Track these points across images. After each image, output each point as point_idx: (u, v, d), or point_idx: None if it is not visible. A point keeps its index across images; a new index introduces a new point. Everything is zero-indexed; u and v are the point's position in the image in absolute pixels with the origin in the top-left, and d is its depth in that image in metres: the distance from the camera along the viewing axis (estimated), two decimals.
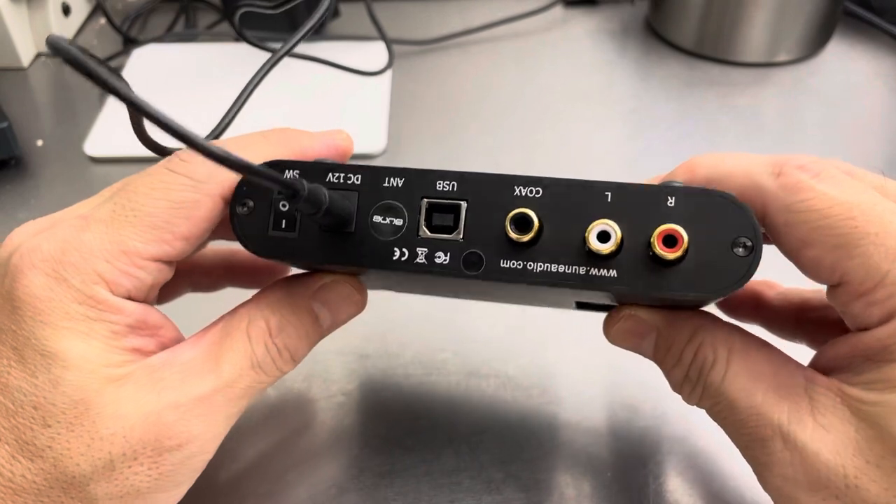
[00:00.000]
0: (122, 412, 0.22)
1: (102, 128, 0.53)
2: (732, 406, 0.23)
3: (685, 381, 0.24)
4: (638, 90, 0.57)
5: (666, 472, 0.32)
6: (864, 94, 0.55)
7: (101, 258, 0.23)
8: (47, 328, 0.22)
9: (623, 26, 0.64)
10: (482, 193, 0.23)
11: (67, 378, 0.22)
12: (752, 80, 0.57)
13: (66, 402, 0.22)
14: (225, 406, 0.24)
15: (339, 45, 0.60)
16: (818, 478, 0.21)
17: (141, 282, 0.23)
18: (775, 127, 0.53)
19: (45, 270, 0.23)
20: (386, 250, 0.23)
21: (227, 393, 0.24)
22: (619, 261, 0.21)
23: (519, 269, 0.22)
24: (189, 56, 0.60)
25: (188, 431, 0.23)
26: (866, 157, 0.50)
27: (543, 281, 0.22)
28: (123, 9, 0.69)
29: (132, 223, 0.23)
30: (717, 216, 0.21)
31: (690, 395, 0.24)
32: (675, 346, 0.24)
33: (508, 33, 0.63)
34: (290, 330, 0.25)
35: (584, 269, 0.22)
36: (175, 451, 0.23)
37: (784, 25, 0.56)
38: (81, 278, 0.22)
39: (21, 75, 0.60)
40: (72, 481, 0.22)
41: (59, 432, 0.22)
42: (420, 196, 0.23)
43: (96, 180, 0.50)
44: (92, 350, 0.23)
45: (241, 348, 0.24)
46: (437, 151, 0.52)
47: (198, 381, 0.23)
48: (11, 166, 0.51)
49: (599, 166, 0.50)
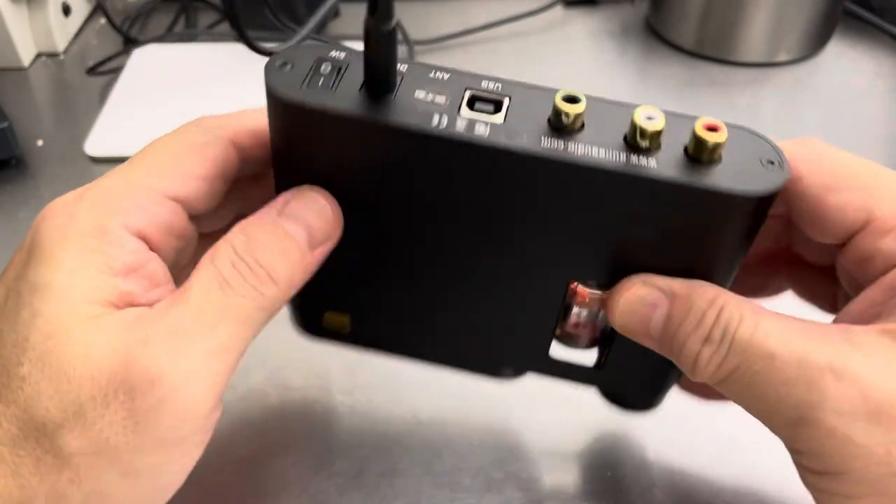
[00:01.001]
0: (92, 352, 0.21)
1: (103, 127, 0.53)
2: (770, 356, 0.21)
3: (706, 344, 0.22)
4: (638, 90, 0.57)
5: (667, 471, 0.32)
6: (865, 94, 0.55)
7: (115, 194, 0.23)
8: (45, 263, 0.22)
9: (623, 26, 0.64)
10: (526, 95, 0.23)
11: (44, 310, 0.21)
12: (752, 80, 0.57)
13: (38, 337, 0.21)
14: (199, 337, 0.21)
15: None
16: (879, 407, 0.20)
17: (154, 217, 0.23)
18: (775, 127, 0.53)
19: (62, 211, 0.23)
20: (426, 114, 0.22)
21: (199, 321, 0.21)
22: (659, 155, 0.22)
23: (560, 148, 0.22)
24: (189, 56, 0.60)
25: (157, 366, 0.21)
26: (866, 156, 0.49)
27: (583, 163, 0.22)
28: (123, 9, 0.69)
29: (146, 164, 0.24)
30: (747, 141, 0.23)
31: (710, 361, 0.22)
32: (695, 307, 0.23)
33: (508, 33, 0.63)
34: (260, 246, 0.23)
35: (624, 155, 0.22)
36: (147, 392, 0.21)
37: (784, 25, 0.56)
38: (94, 211, 0.23)
39: (21, 75, 0.60)
40: (43, 429, 0.21)
41: (30, 371, 0.21)
42: (464, 87, 0.23)
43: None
44: (78, 282, 0.21)
45: (206, 272, 0.22)
46: None
47: (167, 314, 0.22)
48: (12, 166, 0.51)
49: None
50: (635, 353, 0.26)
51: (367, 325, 0.29)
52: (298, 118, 0.23)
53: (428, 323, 0.28)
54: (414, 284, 0.27)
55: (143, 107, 0.55)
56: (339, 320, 0.28)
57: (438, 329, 0.29)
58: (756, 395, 0.22)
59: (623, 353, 0.27)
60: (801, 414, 0.21)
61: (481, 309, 0.27)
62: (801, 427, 0.21)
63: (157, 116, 0.54)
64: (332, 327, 0.29)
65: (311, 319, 0.29)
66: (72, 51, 0.64)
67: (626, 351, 0.27)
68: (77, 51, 0.64)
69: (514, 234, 0.25)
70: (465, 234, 0.25)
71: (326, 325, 0.29)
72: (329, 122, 0.22)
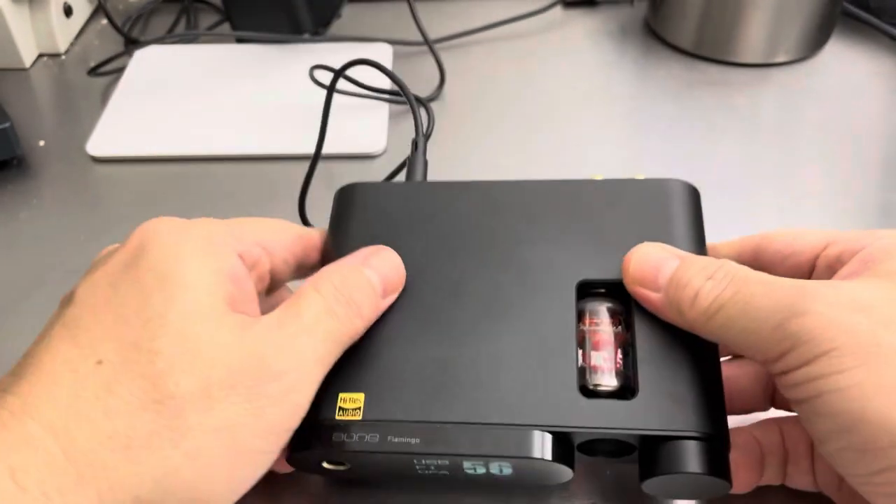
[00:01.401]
0: (225, 341, 0.24)
1: (105, 128, 0.53)
2: (768, 282, 0.25)
3: (709, 280, 0.26)
4: (637, 90, 0.57)
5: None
6: (863, 94, 0.55)
7: (221, 226, 0.28)
8: (168, 259, 0.25)
9: (622, 27, 0.64)
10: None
11: (179, 295, 0.24)
12: (750, 81, 0.57)
13: (176, 317, 0.24)
14: (311, 347, 0.25)
15: (341, 47, 0.60)
16: (865, 305, 0.23)
17: (250, 251, 0.28)
18: (774, 127, 0.53)
19: (172, 223, 0.27)
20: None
21: (311, 335, 0.26)
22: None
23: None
24: (190, 57, 0.61)
25: (283, 363, 0.24)
26: (864, 157, 0.50)
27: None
28: (125, 9, 0.69)
29: (252, 220, 0.30)
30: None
31: (710, 290, 0.25)
32: (701, 260, 0.27)
33: (508, 34, 0.63)
34: (353, 286, 0.27)
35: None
36: (272, 383, 0.24)
37: (782, 26, 0.56)
38: (204, 229, 0.27)
39: (23, 76, 0.61)
40: (169, 402, 0.23)
41: (166, 346, 0.23)
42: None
43: (98, 180, 0.50)
44: (202, 278, 0.25)
45: (314, 298, 0.26)
46: (437, 152, 0.52)
47: (285, 326, 0.25)
48: (13, 166, 0.51)
49: (598, 166, 0.50)
50: (664, 367, 0.27)
51: (382, 400, 0.28)
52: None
53: (451, 377, 0.28)
54: (434, 335, 0.29)
55: (144, 107, 0.55)
56: (354, 400, 0.28)
57: (463, 382, 0.28)
58: (750, 315, 0.24)
59: (652, 370, 0.27)
60: (793, 311, 0.23)
61: (502, 348, 0.28)
62: (791, 321, 0.23)
63: (158, 117, 0.54)
64: (344, 414, 0.27)
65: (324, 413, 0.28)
66: (73, 51, 0.64)
67: (654, 367, 0.27)
68: (78, 51, 0.64)
69: (520, 249, 0.30)
70: (478, 262, 0.30)
71: (338, 414, 0.27)
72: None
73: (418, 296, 0.30)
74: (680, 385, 0.26)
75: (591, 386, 0.27)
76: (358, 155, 0.51)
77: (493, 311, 0.29)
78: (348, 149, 0.51)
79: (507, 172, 0.49)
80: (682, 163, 0.49)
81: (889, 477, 0.22)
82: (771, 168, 0.49)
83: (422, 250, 0.31)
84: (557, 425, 0.26)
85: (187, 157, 0.51)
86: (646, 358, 0.27)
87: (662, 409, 0.26)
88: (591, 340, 0.28)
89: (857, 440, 0.22)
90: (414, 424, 0.27)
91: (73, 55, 0.64)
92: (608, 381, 0.27)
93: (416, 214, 0.32)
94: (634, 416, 0.26)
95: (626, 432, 0.26)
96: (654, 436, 0.26)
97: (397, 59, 0.60)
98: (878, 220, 0.45)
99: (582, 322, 0.29)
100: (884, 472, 0.22)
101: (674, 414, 0.26)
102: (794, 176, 0.48)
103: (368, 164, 0.48)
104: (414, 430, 0.27)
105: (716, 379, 0.27)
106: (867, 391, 0.21)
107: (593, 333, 0.28)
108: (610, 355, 0.28)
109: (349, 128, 0.52)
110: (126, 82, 0.58)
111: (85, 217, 0.47)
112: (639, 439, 0.26)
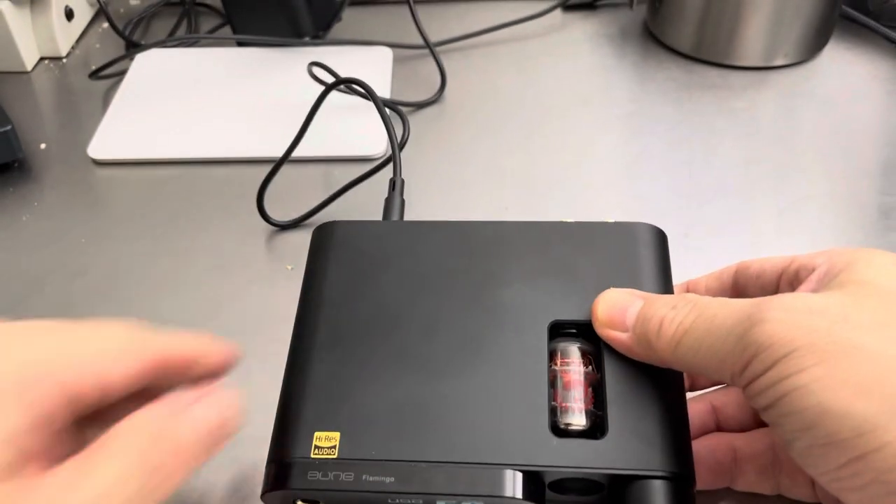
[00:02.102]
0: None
1: (106, 131, 0.54)
2: (727, 302, 0.26)
3: (672, 309, 0.27)
4: (636, 94, 0.57)
5: None
6: (862, 97, 0.56)
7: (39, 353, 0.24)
8: None
9: (622, 30, 0.64)
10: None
11: None
12: (749, 84, 0.57)
13: None
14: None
15: (342, 50, 0.61)
16: (820, 309, 0.24)
17: (68, 381, 0.24)
18: (773, 130, 0.53)
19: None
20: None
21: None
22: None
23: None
24: (191, 60, 0.61)
25: None
26: (863, 160, 0.50)
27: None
28: (126, 13, 0.69)
29: (56, 345, 0.25)
30: None
31: (674, 318, 0.27)
32: (664, 297, 0.29)
33: (508, 37, 0.64)
34: (166, 443, 0.24)
35: None
36: None
37: (781, 29, 0.56)
38: (11, 363, 0.23)
39: (24, 79, 0.61)
40: None
41: None
42: None
43: (99, 183, 0.50)
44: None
45: (116, 456, 0.23)
46: (437, 155, 0.52)
47: (73, 489, 0.22)
48: (14, 169, 0.51)
49: (598, 169, 0.50)
50: (633, 407, 0.28)
51: (358, 438, 0.28)
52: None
53: (426, 417, 0.29)
54: (409, 374, 0.30)
55: (145, 111, 0.56)
56: (329, 439, 0.28)
57: (437, 422, 0.28)
58: (714, 333, 0.25)
59: (621, 410, 0.28)
60: (753, 321, 0.24)
61: (476, 388, 0.29)
62: (752, 330, 0.24)
63: (159, 120, 0.55)
64: (320, 452, 0.28)
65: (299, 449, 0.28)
66: (74, 55, 0.64)
67: (623, 407, 0.28)
68: (80, 55, 0.64)
69: (494, 289, 0.32)
70: (452, 301, 0.31)
71: (314, 452, 0.28)
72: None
73: (393, 334, 0.31)
74: (648, 425, 0.27)
75: (562, 425, 0.28)
76: (357, 158, 0.51)
77: (467, 349, 0.30)
78: (348, 151, 0.51)
79: (508, 173, 0.50)
80: (680, 166, 0.49)
81: (855, 468, 0.22)
82: (770, 171, 0.49)
83: (397, 288, 0.32)
84: (529, 464, 0.27)
85: (188, 160, 0.52)
86: (615, 399, 0.28)
87: (631, 449, 0.27)
88: (562, 380, 0.29)
89: (821, 434, 0.22)
90: (389, 463, 0.27)
91: (75, 58, 0.64)
92: (578, 420, 0.28)
93: (391, 253, 0.33)
94: (604, 456, 0.27)
95: (595, 471, 0.27)
96: (622, 475, 0.27)
97: (397, 63, 0.61)
98: (876, 222, 0.45)
99: (553, 362, 0.30)
100: (849, 463, 0.22)
101: (642, 453, 0.27)
102: (792, 179, 0.48)
103: (368, 166, 0.49)
104: (389, 469, 0.27)
105: (682, 417, 0.28)
106: (827, 385, 0.22)
107: (564, 373, 0.29)
108: (580, 395, 0.29)
109: (348, 130, 0.52)
110: (127, 85, 0.58)
111: (86, 220, 0.47)
112: (608, 478, 0.27)
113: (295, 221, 0.46)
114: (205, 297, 0.42)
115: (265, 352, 0.38)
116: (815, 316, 0.24)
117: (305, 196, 0.47)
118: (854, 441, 0.22)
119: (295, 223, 0.46)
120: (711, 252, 0.43)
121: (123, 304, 0.42)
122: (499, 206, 0.47)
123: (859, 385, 0.22)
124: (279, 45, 0.61)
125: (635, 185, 0.48)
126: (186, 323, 0.40)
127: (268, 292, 0.42)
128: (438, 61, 0.57)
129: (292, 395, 0.30)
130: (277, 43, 0.61)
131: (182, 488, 0.33)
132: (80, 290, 0.43)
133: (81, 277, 0.43)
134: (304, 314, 0.33)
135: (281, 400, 0.30)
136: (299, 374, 0.31)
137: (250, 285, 0.43)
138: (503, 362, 0.30)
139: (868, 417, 0.22)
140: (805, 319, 0.24)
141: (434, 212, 0.47)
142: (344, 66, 0.55)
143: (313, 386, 0.30)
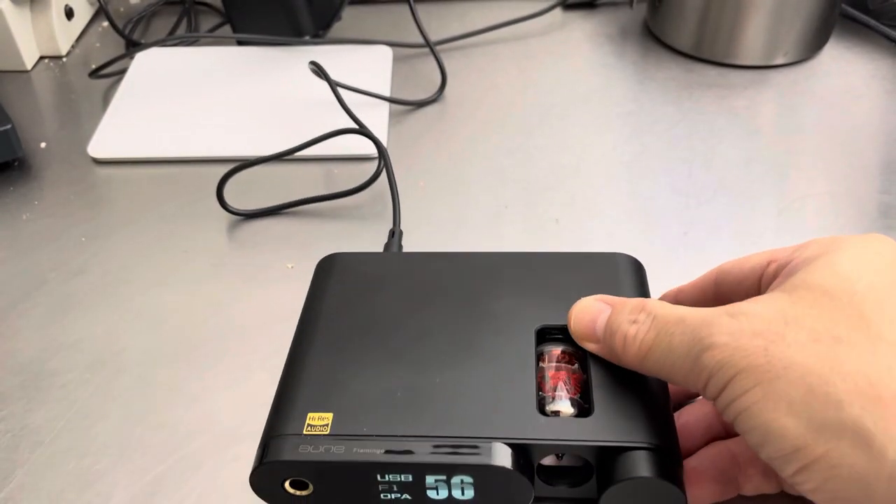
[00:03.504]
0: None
1: (106, 130, 0.54)
2: (681, 319, 0.27)
3: (633, 324, 0.28)
4: (636, 93, 0.57)
5: None
6: (862, 96, 0.56)
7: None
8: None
9: (621, 29, 0.64)
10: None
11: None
12: (749, 83, 0.57)
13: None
14: None
15: (342, 49, 0.61)
16: (759, 329, 0.25)
17: None
18: (773, 129, 0.53)
19: None
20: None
21: None
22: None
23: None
24: (191, 59, 0.61)
25: None
26: (863, 159, 0.50)
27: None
28: (126, 12, 0.69)
29: None
30: None
31: (636, 335, 0.28)
32: (628, 304, 0.29)
33: (508, 36, 0.64)
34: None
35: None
36: None
37: (781, 28, 0.56)
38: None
39: (24, 78, 0.61)
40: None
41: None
42: None
43: (100, 182, 0.50)
44: None
45: None
46: (437, 154, 0.52)
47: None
48: (15, 168, 0.51)
49: (598, 168, 0.50)
50: (617, 394, 0.29)
51: (350, 418, 0.29)
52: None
53: (417, 399, 0.30)
54: (403, 365, 0.31)
55: (145, 109, 0.56)
56: (322, 418, 0.29)
57: (428, 403, 0.29)
58: (674, 354, 0.27)
59: (606, 394, 0.29)
60: (703, 346, 0.26)
61: (466, 376, 0.30)
62: (703, 355, 0.25)
63: (159, 119, 0.55)
64: (312, 430, 0.29)
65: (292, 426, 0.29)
66: (74, 54, 0.64)
67: (607, 393, 0.29)
68: (80, 54, 0.64)
69: (484, 302, 0.34)
70: (445, 313, 0.33)
71: (306, 430, 0.29)
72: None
73: (388, 337, 0.32)
74: (632, 407, 0.29)
75: (550, 413, 0.29)
76: (358, 156, 0.51)
77: (458, 349, 0.31)
78: (348, 150, 0.51)
79: (508, 172, 0.50)
80: (680, 165, 0.49)
81: (806, 475, 0.24)
82: (769, 170, 0.49)
83: (392, 304, 0.34)
84: (517, 437, 0.28)
85: (188, 158, 0.52)
86: (600, 385, 0.30)
87: (616, 425, 0.28)
88: (549, 377, 0.31)
89: (772, 450, 0.24)
90: (380, 438, 0.28)
91: (75, 57, 0.64)
92: (565, 407, 0.29)
93: (388, 277, 0.36)
94: (590, 431, 0.28)
95: (582, 444, 0.28)
96: (609, 447, 0.28)
97: (397, 62, 0.61)
98: (876, 221, 0.45)
99: (541, 361, 0.32)
100: (800, 471, 0.24)
101: (627, 428, 0.28)
102: (792, 178, 0.48)
103: (368, 165, 0.49)
104: (379, 443, 0.28)
105: (665, 404, 0.30)
106: (765, 407, 0.24)
107: (551, 370, 0.31)
108: (567, 387, 0.30)
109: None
110: (127, 84, 0.58)
111: (86, 218, 0.47)
112: (595, 452, 0.28)
113: (259, 212, 0.47)
114: (205, 296, 0.42)
115: (266, 350, 0.38)
116: (755, 338, 0.25)
117: (304, 194, 0.47)
118: (794, 455, 0.24)
119: (258, 214, 0.47)
120: (711, 251, 0.43)
121: (123, 302, 0.42)
122: (498, 205, 0.47)
123: (790, 404, 0.24)
124: (279, 45, 0.61)
125: (635, 184, 0.48)
126: (187, 322, 0.41)
127: (268, 290, 0.42)
128: (439, 60, 0.57)
129: (288, 383, 0.31)
130: (277, 42, 0.61)
131: (182, 488, 0.33)
132: (80, 288, 0.43)
133: (81, 276, 0.43)
134: (304, 326, 0.34)
135: (277, 390, 0.31)
136: (296, 365, 0.32)
137: (250, 283, 0.43)
138: (492, 359, 0.31)
139: (798, 435, 0.23)
140: (746, 341, 0.25)
141: (434, 211, 0.47)
142: (344, 66, 0.55)
143: (309, 375, 0.31)
